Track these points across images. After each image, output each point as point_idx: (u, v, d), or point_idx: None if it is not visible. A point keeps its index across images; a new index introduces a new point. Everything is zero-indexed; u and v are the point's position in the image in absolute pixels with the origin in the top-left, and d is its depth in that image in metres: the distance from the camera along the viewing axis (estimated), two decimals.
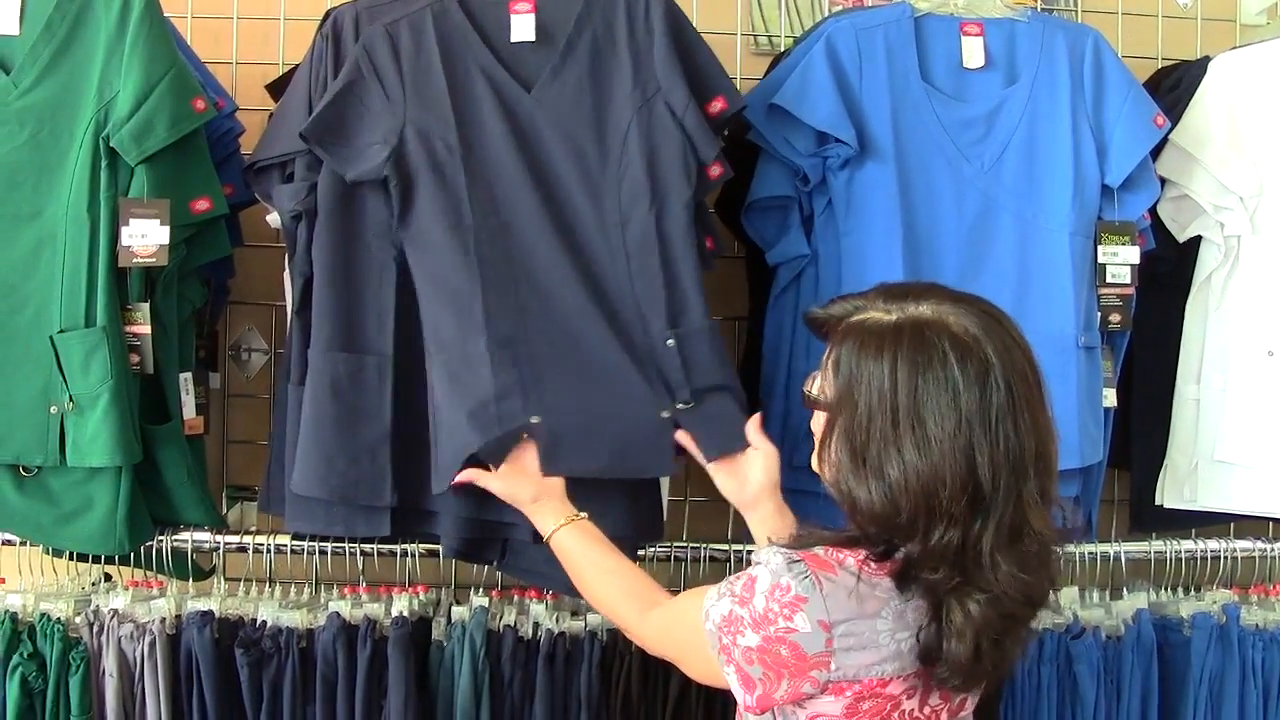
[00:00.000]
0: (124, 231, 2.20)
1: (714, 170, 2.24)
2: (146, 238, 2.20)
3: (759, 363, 2.42)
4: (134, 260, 2.21)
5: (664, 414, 2.14)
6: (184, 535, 2.38)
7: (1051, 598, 2.43)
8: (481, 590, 2.44)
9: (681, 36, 2.24)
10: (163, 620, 2.31)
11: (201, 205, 2.28)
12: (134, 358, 2.24)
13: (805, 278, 2.37)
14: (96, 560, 2.41)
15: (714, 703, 2.31)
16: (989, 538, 1.48)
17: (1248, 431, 2.45)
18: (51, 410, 2.22)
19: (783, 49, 2.68)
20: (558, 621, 2.35)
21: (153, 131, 2.20)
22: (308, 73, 2.27)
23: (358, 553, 2.36)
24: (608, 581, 1.86)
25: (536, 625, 2.35)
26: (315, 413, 2.20)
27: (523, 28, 2.24)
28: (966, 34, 2.39)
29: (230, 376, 2.74)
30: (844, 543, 1.55)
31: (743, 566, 2.35)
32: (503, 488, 2.02)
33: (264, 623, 2.33)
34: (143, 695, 2.30)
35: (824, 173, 2.35)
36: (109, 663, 2.30)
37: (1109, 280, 2.40)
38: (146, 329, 2.25)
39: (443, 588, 2.52)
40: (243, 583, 2.45)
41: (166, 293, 2.30)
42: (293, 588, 2.45)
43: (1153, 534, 2.55)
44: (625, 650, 2.31)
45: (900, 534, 1.50)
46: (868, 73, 2.34)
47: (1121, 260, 2.40)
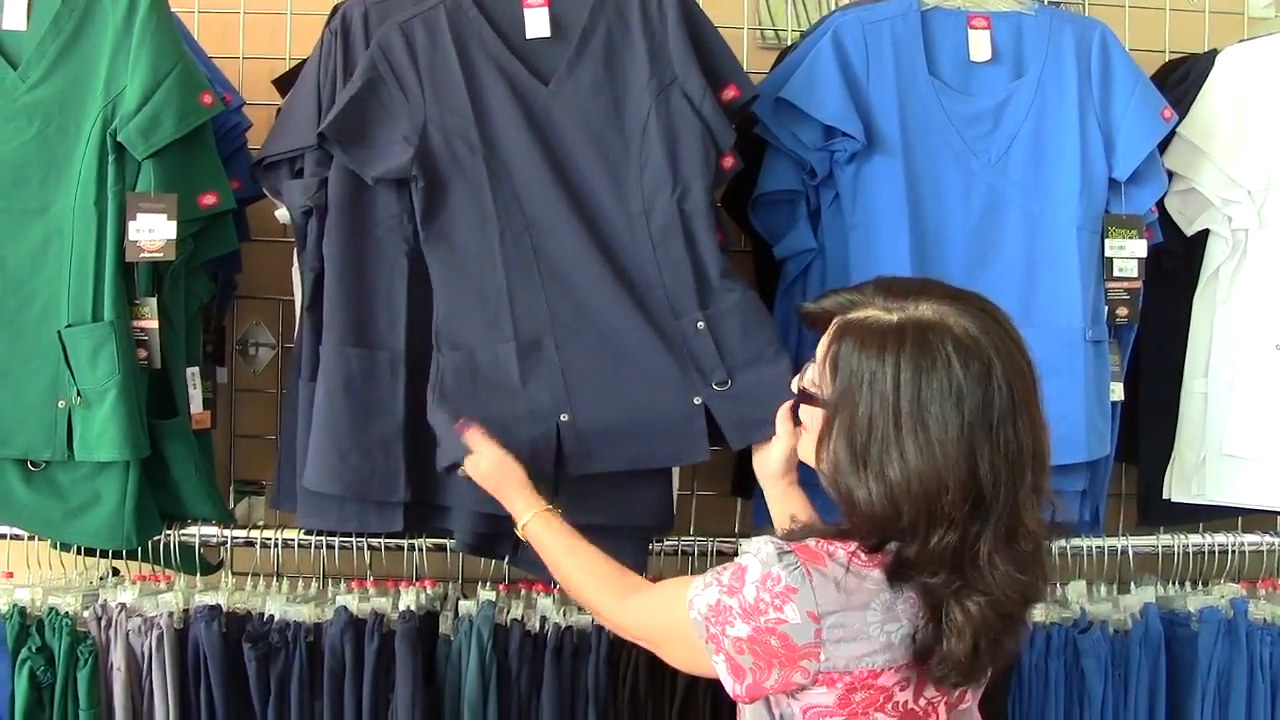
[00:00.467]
0: (131, 226, 2.20)
1: (726, 161, 2.25)
2: (154, 232, 2.21)
3: None
4: (141, 255, 2.21)
5: (696, 400, 2.16)
6: (191, 530, 2.39)
7: (1059, 592, 2.46)
8: (489, 584, 2.44)
9: (695, 25, 2.24)
10: (170, 614, 2.31)
11: (209, 200, 2.28)
12: (141, 352, 2.25)
13: (812, 271, 2.37)
14: (104, 554, 2.41)
15: (721, 696, 2.28)
16: (987, 539, 1.47)
17: (1255, 425, 2.44)
18: (59, 405, 2.22)
19: (789, 43, 2.68)
20: (565, 616, 2.36)
21: (160, 126, 2.20)
22: (316, 68, 2.27)
23: (365, 547, 2.36)
24: (586, 568, 1.85)
25: (544, 619, 2.35)
26: (328, 409, 2.20)
27: (537, 23, 2.24)
28: (973, 27, 2.39)
29: (237, 371, 2.74)
30: (836, 535, 1.55)
31: None
32: (487, 474, 2.00)
33: (271, 617, 2.33)
34: (150, 689, 2.30)
35: (831, 167, 2.34)
36: (117, 657, 2.30)
37: (1116, 274, 2.39)
38: (154, 324, 2.25)
39: (450, 582, 2.53)
40: (250, 577, 2.46)
41: (174, 287, 2.30)
42: (300, 582, 2.46)
43: (1160, 528, 2.55)
44: (633, 645, 2.30)
45: (898, 535, 1.50)
46: (875, 67, 2.34)
47: (1129, 254, 2.39)
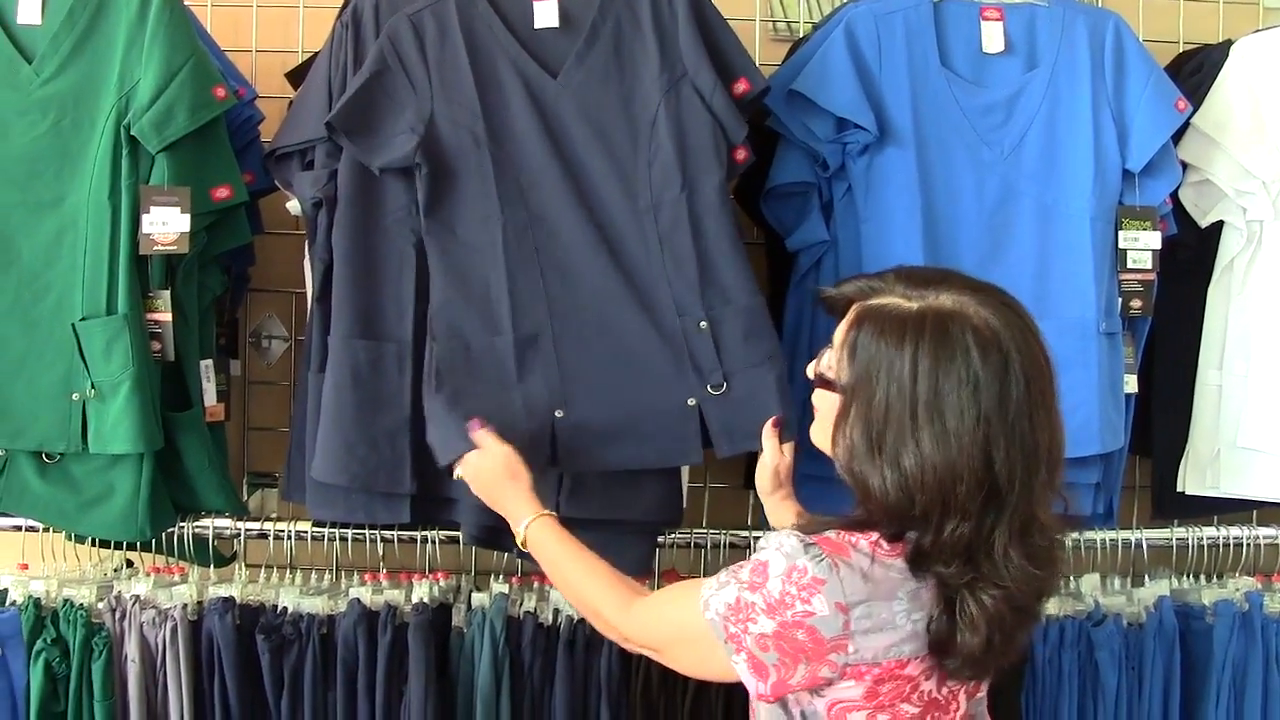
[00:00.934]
0: (145, 219, 2.21)
1: (739, 154, 2.24)
2: (167, 225, 2.21)
3: None
4: (155, 248, 2.22)
5: (690, 401, 2.15)
6: (205, 522, 2.40)
7: (1073, 584, 2.45)
8: (502, 577, 2.44)
9: (705, 18, 2.24)
10: (184, 606, 2.32)
11: (222, 193, 2.28)
12: (155, 345, 2.25)
13: (825, 263, 2.37)
14: (118, 546, 2.42)
15: (734, 690, 2.29)
16: (1001, 532, 1.47)
17: (1270, 417, 2.43)
18: (73, 397, 2.23)
19: (801, 35, 2.68)
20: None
21: (173, 119, 2.20)
22: (327, 60, 2.28)
23: (378, 539, 2.37)
24: (586, 575, 1.81)
25: (557, 612, 2.35)
26: (335, 400, 2.20)
27: (546, 13, 2.24)
28: (986, 19, 2.38)
29: (251, 363, 2.75)
30: (853, 526, 1.54)
31: None
32: (482, 476, 1.98)
33: (285, 609, 2.34)
34: (164, 681, 2.31)
35: (843, 159, 2.34)
36: (131, 648, 2.31)
37: (1130, 266, 2.39)
38: (167, 316, 2.26)
39: (463, 574, 2.53)
40: (263, 569, 2.47)
41: (187, 280, 2.30)
42: (313, 574, 2.47)
43: (1174, 521, 2.54)
44: None
45: (912, 524, 1.49)
46: (887, 58, 2.33)
47: (1143, 245, 2.38)
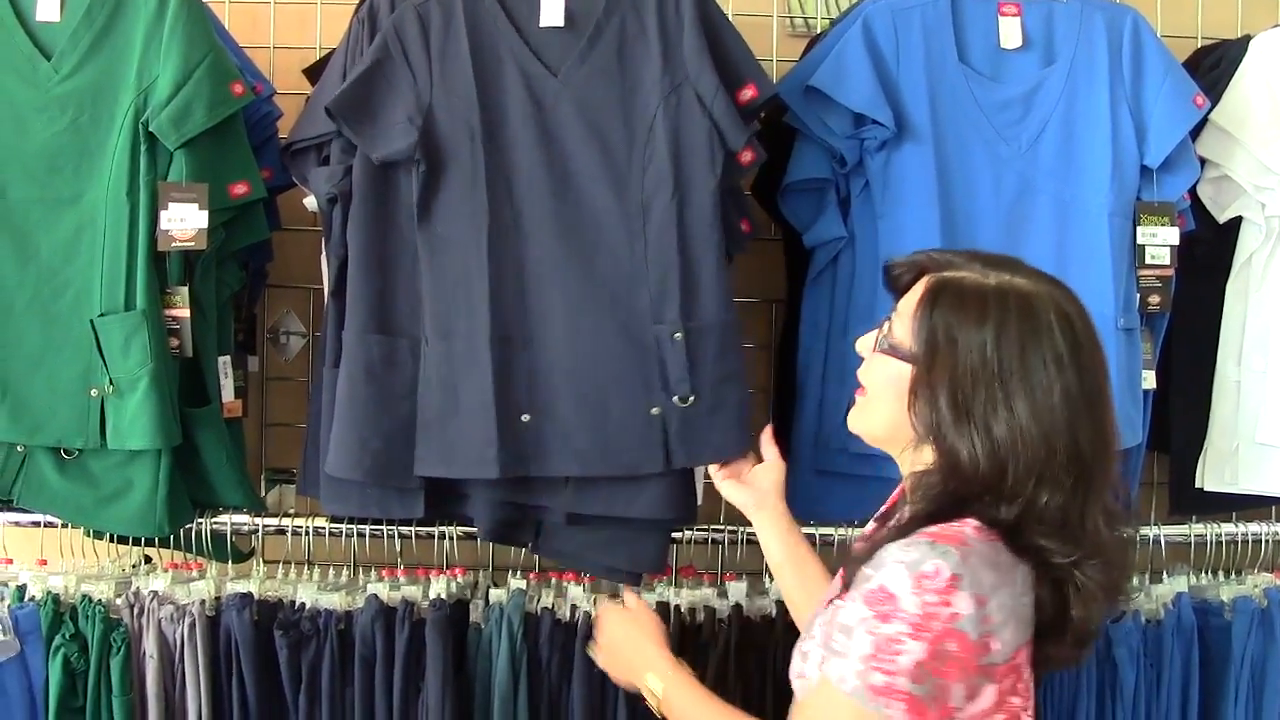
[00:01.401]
0: (163, 215, 2.21)
1: (745, 156, 2.23)
2: (185, 222, 2.21)
3: (796, 345, 2.41)
4: (173, 244, 2.22)
5: (654, 410, 2.16)
6: (223, 518, 2.40)
7: None
8: (519, 572, 2.44)
9: (711, 23, 2.22)
10: (202, 602, 2.32)
11: (240, 189, 2.28)
12: (173, 341, 2.25)
13: (842, 260, 2.36)
14: (136, 542, 2.43)
15: (750, 684, 2.30)
16: (1091, 510, 1.47)
17: None
18: (92, 393, 2.23)
19: (819, 31, 2.67)
20: (595, 604, 2.34)
21: (191, 116, 2.21)
22: (344, 56, 2.28)
23: (396, 535, 2.37)
24: None
25: (574, 607, 2.35)
26: (348, 395, 2.21)
27: (552, 11, 2.23)
28: (1004, 14, 2.37)
29: (268, 359, 2.75)
30: (940, 514, 1.49)
31: None
32: (608, 662, 1.95)
33: (303, 605, 2.34)
34: (183, 676, 2.31)
35: (861, 155, 2.33)
36: (149, 644, 2.32)
37: (1148, 262, 2.38)
38: (185, 312, 2.26)
39: (480, 570, 2.53)
40: (281, 565, 2.47)
41: (205, 276, 2.31)
42: (331, 570, 2.47)
43: (1193, 517, 2.54)
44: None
45: (999, 495, 1.47)
46: (905, 54, 2.33)
47: (1161, 241, 2.38)
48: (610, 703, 2.31)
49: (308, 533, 2.40)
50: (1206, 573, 2.52)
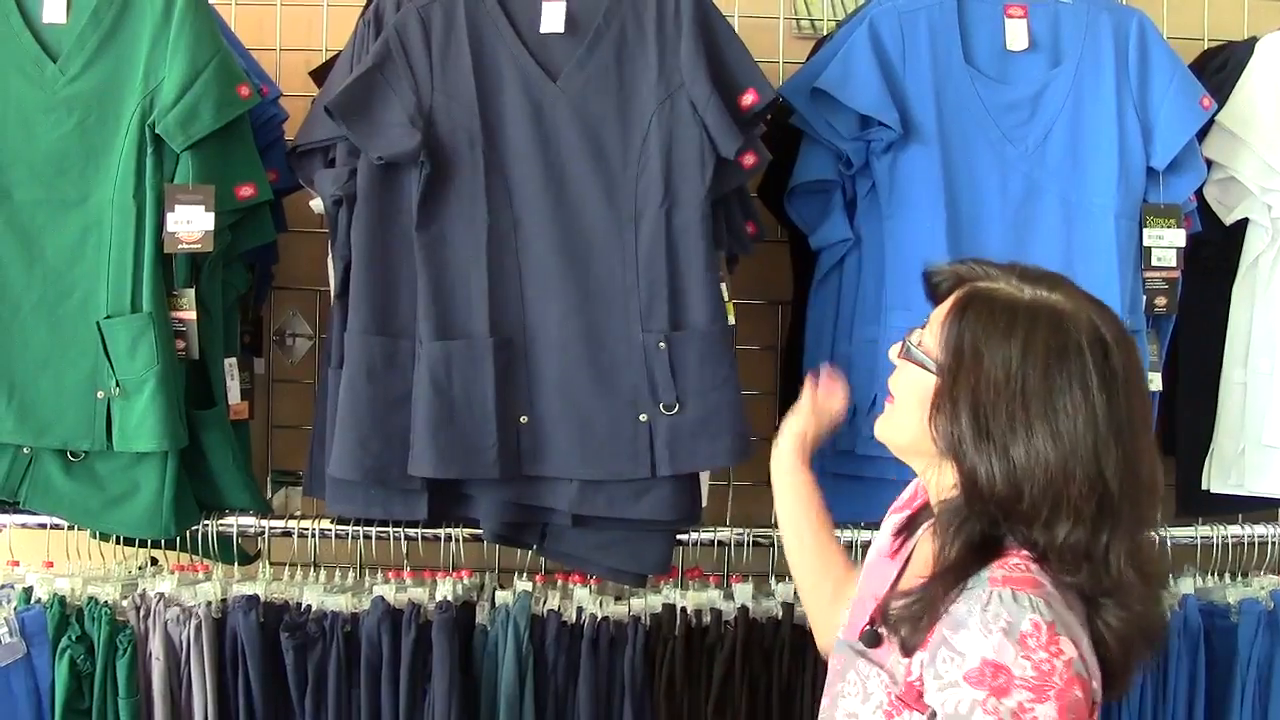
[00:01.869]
0: (169, 217, 2.21)
1: (747, 160, 2.23)
2: (191, 224, 2.22)
3: (802, 347, 2.41)
4: (179, 246, 2.22)
5: (641, 417, 2.18)
6: (229, 520, 2.40)
7: None
8: (525, 575, 2.44)
9: (710, 29, 2.22)
10: (208, 604, 2.32)
11: (246, 191, 2.29)
12: (179, 343, 2.26)
13: (848, 262, 2.37)
14: (143, 544, 2.42)
15: (757, 687, 2.30)
16: (1116, 548, 1.39)
17: None
18: (98, 395, 2.24)
19: (825, 33, 2.67)
20: (601, 606, 2.35)
21: (198, 118, 2.21)
22: (349, 58, 2.29)
23: (402, 537, 2.37)
24: None
25: (580, 610, 2.35)
26: (350, 396, 2.22)
27: (553, 17, 2.24)
28: (1010, 16, 2.37)
29: (275, 361, 2.75)
30: (977, 551, 1.43)
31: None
32: None
33: (309, 607, 2.34)
34: (189, 678, 2.31)
35: (867, 156, 2.34)
36: (155, 646, 2.31)
37: (1154, 263, 2.38)
38: (192, 314, 2.26)
39: (486, 572, 2.52)
40: (287, 567, 2.47)
41: (211, 278, 2.31)
42: (337, 572, 2.46)
43: (1199, 519, 2.52)
44: (669, 634, 2.31)
45: (1017, 519, 1.41)
46: (911, 56, 2.33)
47: (1167, 243, 2.37)
48: (616, 705, 2.31)
49: (314, 535, 2.40)
50: (1213, 575, 2.51)
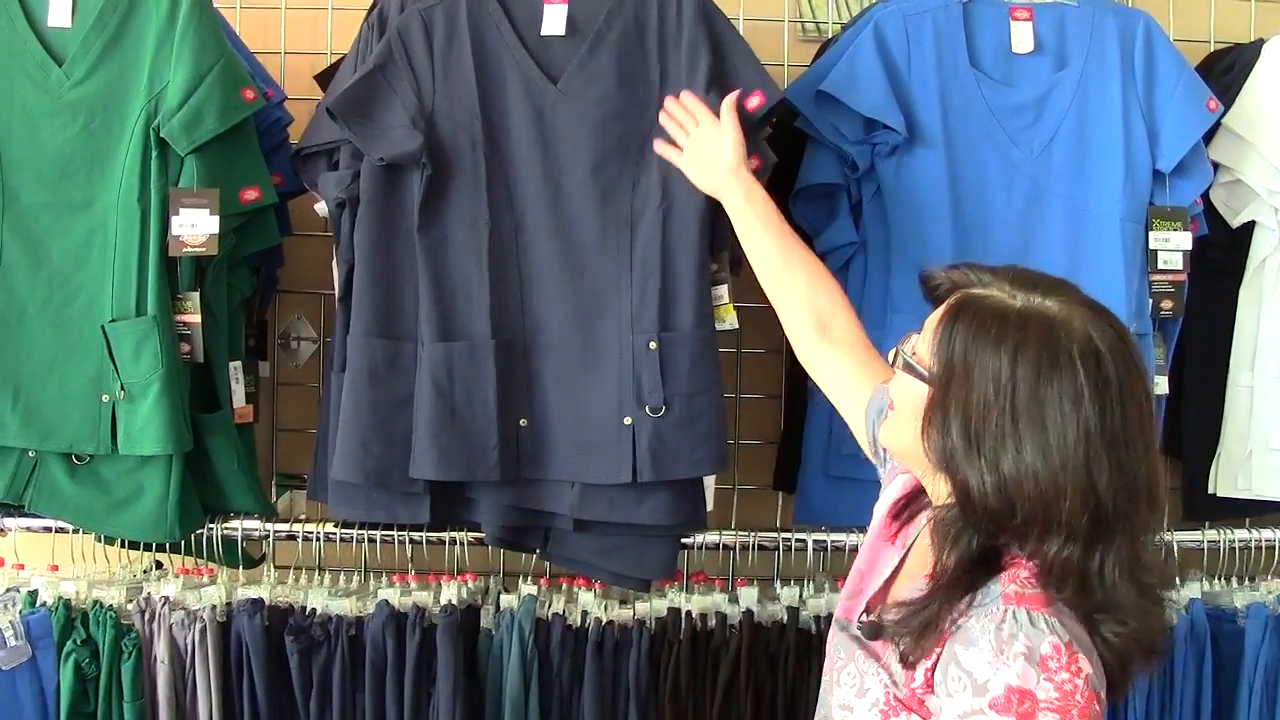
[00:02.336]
0: (174, 221, 2.21)
1: (750, 163, 2.21)
2: (196, 227, 2.22)
3: None
4: (184, 250, 2.22)
5: (626, 420, 2.18)
6: (234, 523, 2.39)
7: None
8: (530, 578, 2.44)
9: (713, 32, 2.22)
10: (213, 608, 2.32)
11: (251, 195, 2.29)
12: (184, 347, 2.26)
13: (854, 265, 2.36)
14: (148, 548, 2.42)
15: (762, 691, 2.30)
16: (1111, 563, 1.36)
17: None
18: (103, 399, 2.24)
19: (830, 36, 2.66)
20: (606, 610, 2.35)
21: (202, 121, 2.21)
22: (354, 61, 2.29)
23: (406, 541, 2.36)
24: None
25: (585, 614, 2.34)
26: (352, 398, 2.22)
27: (554, 20, 2.24)
28: (1015, 18, 2.37)
29: (279, 365, 2.74)
30: (979, 562, 1.41)
31: (792, 555, 2.36)
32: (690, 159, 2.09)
33: (314, 610, 2.33)
34: (194, 682, 2.31)
35: (872, 160, 2.33)
36: (160, 650, 2.31)
37: (1161, 266, 2.37)
38: (196, 318, 2.26)
39: (491, 576, 2.52)
40: (292, 571, 2.47)
41: (216, 282, 2.31)
42: (342, 576, 2.46)
43: (1206, 523, 2.51)
44: (674, 639, 2.30)
45: (1010, 533, 1.38)
46: (916, 59, 2.32)
47: (1173, 246, 2.37)
48: (621, 708, 2.30)
49: (319, 538, 2.40)
50: (1219, 579, 2.50)
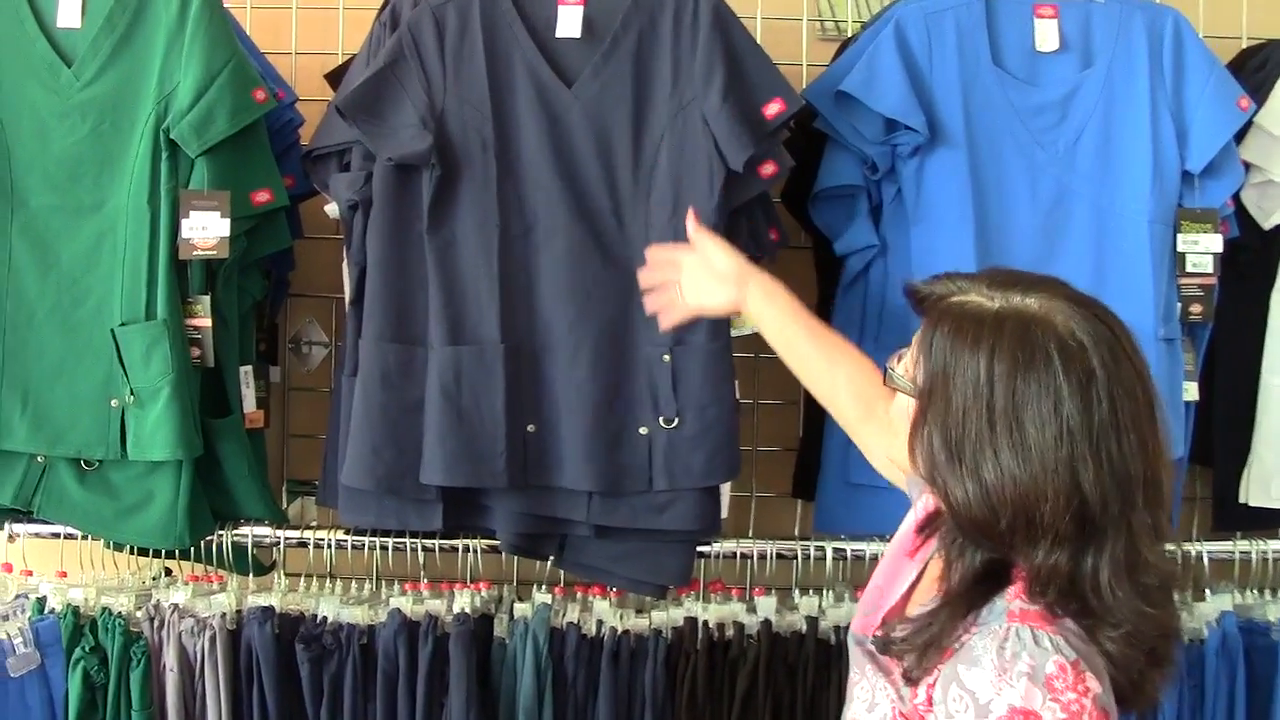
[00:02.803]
0: (184, 224, 2.20)
1: (765, 169, 2.21)
2: (207, 230, 2.21)
3: None
4: (194, 253, 2.21)
5: (642, 430, 2.17)
6: (244, 530, 2.38)
7: None
8: (544, 586, 2.42)
9: (730, 39, 2.19)
10: (223, 615, 2.31)
11: (262, 197, 2.27)
12: (194, 351, 2.24)
13: (874, 268, 2.33)
14: (157, 554, 2.41)
15: (781, 702, 2.27)
16: (1104, 567, 1.33)
17: None
18: (112, 404, 2.23)
19: (850, 34, 2.63)
20: (621, 619, 2.33)
21: (213, 123, 2.19)
22: (365, 60, 2.27)
23: (419, 548, 2.35)
24: None
25: (600, 622, 2.32)
26: (364, 404, 2.20)
27: (569, 22, 2.22)
28: (1040, 16, 2.33)
29: (290, 369, 2.73)
30: (981, 577, 1.38)
31: (811, 564, 2.33)
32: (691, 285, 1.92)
33: (325, 619, 2.32)
34: (203, 690, 2.30)
35: (893, 161, 2.30)
36: (170, 657, 2.30)
37: (1190, 270, 2.33)
38: (207, 322, 2.25)
39: (505, 584, 2.50)
40: (303, 578, 2.45)
41: (227, 285, 2.29)
42: (353, 583, 2.45)
43: (1237, 533, 2.48)
44: (691, 648, 2.28)
45: (1000, 542, 1.36)
46: (937, 58, 2.29)
47: (1203, 249, 2.33)
48: (638, 719, 2.28)
49: (330, 545, 2.38)
50: (1252, 591, 2.45)
